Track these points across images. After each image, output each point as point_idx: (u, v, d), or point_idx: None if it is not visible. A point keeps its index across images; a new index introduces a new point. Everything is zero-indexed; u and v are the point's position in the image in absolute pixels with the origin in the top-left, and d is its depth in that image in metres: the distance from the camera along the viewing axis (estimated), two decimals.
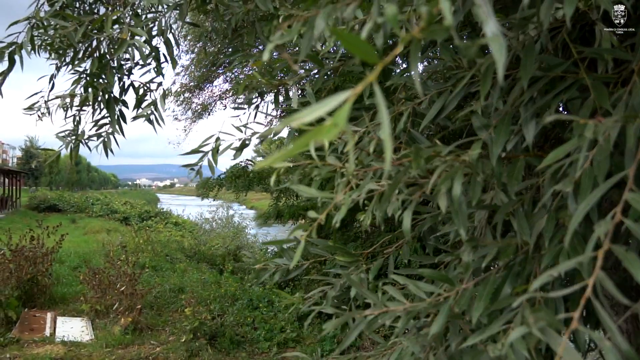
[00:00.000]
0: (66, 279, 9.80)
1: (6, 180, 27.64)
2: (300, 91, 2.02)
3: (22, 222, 20.61)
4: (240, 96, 1.95)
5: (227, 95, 13.12)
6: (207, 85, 13.20)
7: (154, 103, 1.94)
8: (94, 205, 28.31)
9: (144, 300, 7.60)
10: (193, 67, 12.30)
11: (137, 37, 1.68)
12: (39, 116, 1.97)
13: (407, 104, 1.62)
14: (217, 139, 1.82)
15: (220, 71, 11.84)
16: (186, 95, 13.29)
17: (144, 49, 1.57)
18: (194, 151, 1.84)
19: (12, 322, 6.99)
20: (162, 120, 1.97)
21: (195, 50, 11.85)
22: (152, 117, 1.93)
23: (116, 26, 2.07)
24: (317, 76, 1.91)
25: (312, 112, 0.49)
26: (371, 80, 0.55)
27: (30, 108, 1.97)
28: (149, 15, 2.08)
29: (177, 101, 13.52)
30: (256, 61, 1.65)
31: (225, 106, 12.51)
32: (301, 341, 7.28)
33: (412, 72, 0.58)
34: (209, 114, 13.94)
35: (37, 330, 6.89)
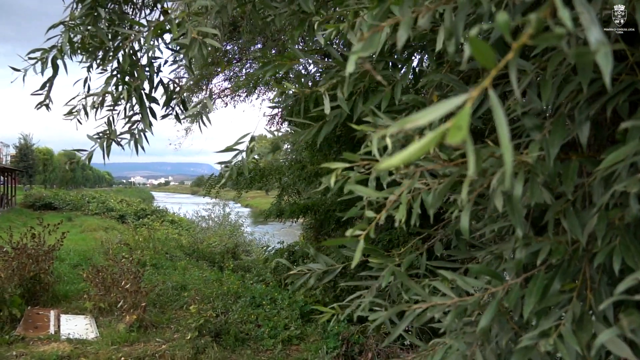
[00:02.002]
0: (67, 276, 9.80)
1: (1, 178, 27.46)
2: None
3: (18, 220, 20.50)
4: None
5: (227, 94, 13.08)
6: (206, 84, 13.14)
7: (200, 102, 1.96)
8: (90, 204, 28.19)
9: (147, 297, 7.60)
10: (193, 65, 12.22)
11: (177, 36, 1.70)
12: (78, 120, 1.98)
13: None
14: (252, 138, 1.84)
15: (219, 70, 11.79)
16: (186, 94, 13.24)
17: (209, 48, 1.59)
18: (229, 149, 1.85)
19: (17, 319, 6.97)
20: (209, 120, 1.98)
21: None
22: (198, 117, 1.95)
23: (139, 26, 2.09)
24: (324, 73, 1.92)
25: (428, 114, 0.51)
26: (486, 86, 0.57)
27: (70, 113, 1.97)
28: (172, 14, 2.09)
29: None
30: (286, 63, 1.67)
31: (227, 104, 12.47)
32: (305, 338, 7.31)
33: (512, 78, 0.60)
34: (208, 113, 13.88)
35: (41, 328, 6.87)
